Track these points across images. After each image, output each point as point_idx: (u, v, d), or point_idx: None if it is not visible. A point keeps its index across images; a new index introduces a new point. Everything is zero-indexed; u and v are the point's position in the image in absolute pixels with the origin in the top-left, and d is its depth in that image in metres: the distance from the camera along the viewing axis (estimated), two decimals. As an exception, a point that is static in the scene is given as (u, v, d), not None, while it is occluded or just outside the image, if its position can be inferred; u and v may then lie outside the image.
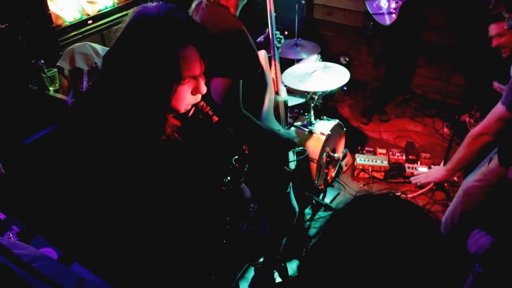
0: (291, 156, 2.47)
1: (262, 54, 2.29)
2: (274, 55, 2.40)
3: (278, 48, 2.45)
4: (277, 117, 2.41)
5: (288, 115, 2.70)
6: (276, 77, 2.40)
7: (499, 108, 2.20)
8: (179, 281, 1.64)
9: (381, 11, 4.08)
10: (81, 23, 3.86)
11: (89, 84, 1.48)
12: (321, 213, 3.60)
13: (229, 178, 1.59)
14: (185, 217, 1.52)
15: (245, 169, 1.59)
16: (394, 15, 3.99)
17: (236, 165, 1.56)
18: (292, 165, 2.48)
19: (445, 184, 3.74)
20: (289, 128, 2.60)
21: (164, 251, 1.54)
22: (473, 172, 2.69)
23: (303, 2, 4.81)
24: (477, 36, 3.36)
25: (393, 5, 4.00)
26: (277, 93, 2.39)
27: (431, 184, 3.71)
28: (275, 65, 2.39)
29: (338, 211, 1.04)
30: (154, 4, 1.36)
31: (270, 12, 2.33)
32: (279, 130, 2.27)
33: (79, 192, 1.46)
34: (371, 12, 4.13)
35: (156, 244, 1.50)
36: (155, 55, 1.30)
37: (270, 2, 2.32)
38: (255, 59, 2.01)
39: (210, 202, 1.60)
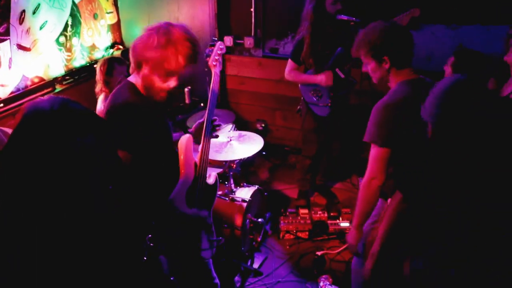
0: (206, 244, 2.47)
1: (183, 139, 2.35)
2: (206, 141, 2.42)
3: (215, 135, 2.50)
4: (200, 199, 2.42)
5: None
6: (202, 162, 2.41)
7: (372, 149, 2.33)
8: None
9: (315, 102, 3.88)
10: (-8, 106, 3.79)
11: None
12: (251, 279, 3.59)
13: (145, 258, 1.60)
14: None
15: (161, 247, 1.60)
16: (329, 107, 3.82)
17: (151, 244, 1.58)
18: (208, 254, 2.46)
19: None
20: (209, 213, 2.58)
21: None
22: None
23: (216, 74, 5.01)
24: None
25: (328, 98, 3.80)
26: (199, 177, 2.41)
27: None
28: (202, 151, 2.42)
29: None
30: (46, 98, 1.35)
31: (211, 95, 2.40)
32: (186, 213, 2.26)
33: None
34: (306, 100, 3.94)
35: None
36: (55, 150, 1.28)
37: (214, 83, 2.39)
38: (140, 134, 2.07)
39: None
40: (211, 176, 2.56)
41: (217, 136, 2.55)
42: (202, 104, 4.85)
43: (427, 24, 4.16)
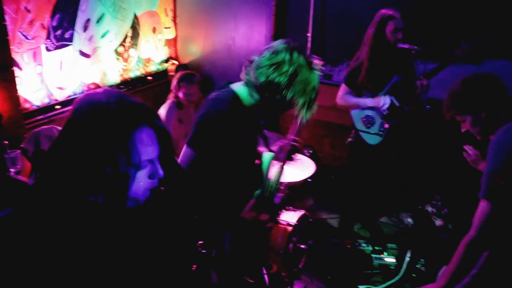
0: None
1: (268, 157, 2.45)
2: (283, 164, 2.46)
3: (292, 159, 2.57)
4: None
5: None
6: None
7: (482, 205, 2.09)
8: None
9: (366, 130, 3.77)
10: (49, 108, 3.88)
11: (35, 179, 1.37)
12: (288, 308, 3.46)
13: (195, 266, 1.52)
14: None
15: (213, 255, 1.53)
16: (380, 137, 3.70)
17: (203, 251, 1.50)
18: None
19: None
20: None
21: None
22: None
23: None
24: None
25: (380, 126, 3.69)
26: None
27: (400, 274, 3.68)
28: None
29: None
30: (100, 90, 1.33)
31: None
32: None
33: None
34: (356, 127, 3.84)
35: None
36: (112, 144, 1.25)
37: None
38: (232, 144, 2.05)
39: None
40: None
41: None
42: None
43: (490, 59, 4.00)
